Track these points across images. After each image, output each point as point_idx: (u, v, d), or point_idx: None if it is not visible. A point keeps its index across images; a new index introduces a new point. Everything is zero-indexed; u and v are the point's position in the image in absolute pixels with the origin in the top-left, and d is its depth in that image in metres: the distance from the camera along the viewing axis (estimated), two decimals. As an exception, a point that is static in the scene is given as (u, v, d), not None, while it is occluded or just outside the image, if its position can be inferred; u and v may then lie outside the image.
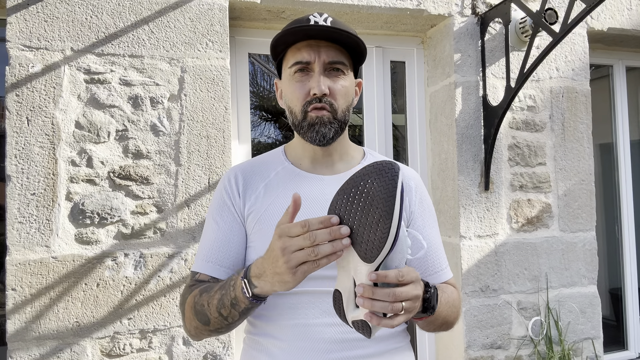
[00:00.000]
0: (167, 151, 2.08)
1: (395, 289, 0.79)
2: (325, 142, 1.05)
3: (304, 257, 0.78)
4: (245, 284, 0.88)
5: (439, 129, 2.61)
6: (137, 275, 2.02)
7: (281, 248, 0.80)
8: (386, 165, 0.76)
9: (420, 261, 1.10)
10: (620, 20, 2.77)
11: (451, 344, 2.54)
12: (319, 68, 1.03)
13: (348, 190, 0.78)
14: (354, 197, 0.77)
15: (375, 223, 0.74)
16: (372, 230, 0.75)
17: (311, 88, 1.03)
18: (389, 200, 0.73)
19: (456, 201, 2.46)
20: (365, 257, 0.77)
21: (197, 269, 1.07)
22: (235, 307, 0.92)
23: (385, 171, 0.75)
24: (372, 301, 0.78)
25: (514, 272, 2.52)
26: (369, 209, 0.75)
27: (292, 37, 1.04)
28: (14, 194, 1.91)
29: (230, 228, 1.07)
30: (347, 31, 1.02)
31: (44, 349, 1.91)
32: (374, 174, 0.76)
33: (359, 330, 0.83)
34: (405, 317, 0.82)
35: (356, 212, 0.76)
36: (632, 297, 3.07)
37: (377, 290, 0.78)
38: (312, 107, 1.03)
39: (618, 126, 3.12)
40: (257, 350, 1.05)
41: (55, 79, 1.97)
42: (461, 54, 2.49)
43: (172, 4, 2.10)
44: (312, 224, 0.78)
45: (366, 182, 0.76)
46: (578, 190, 2.67)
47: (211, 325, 0.98)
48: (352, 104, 1.10)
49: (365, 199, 0.76)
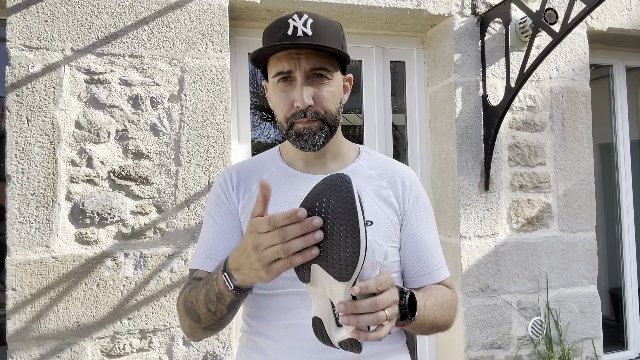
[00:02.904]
0: (167, 151, 2.08)
1: (375, 297, 0.77)
2: (315, 149, 1.04)
3: (276, 255, 0.75)
4: (226, 277, 0.87)
5: (439, 129, 2.61)
6: (137, 275, 2.02)
7: (252, 245, 0.77)
8: (337, 179, 0.73)
9: (414, 261, 1.08)
10: (620, 20, 2.76)
11: (451, 344, 2.54)
12: (300, 78, 1.01)
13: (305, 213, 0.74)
14: None
15: (344, 241, 0.71)
16: (341, 249, 0.72)
17: (294, 100, 1.01)
18: (350, 214, 0.70)
19: (456, 201, 2.46)
20: (341, 276, 0.74)
21: (196, 266, 1.07)
22: (221, 301, 0.91)
23: (338, 185, 0.72)
24: (357, 316, 0.76)
25: (514, 272, 2.52)
26: (332, 228, 0.72)
27: (270, 50, 1.01)
28: (14, 194, 1.91)
29: (227, 224, 1.07)
30: (326, 45, 0.99)
31: (44, 349, 1.91)
32: (328, 191, 0.72)
33: (348, 349, 0.81)
34: (390, 326, 0.80)
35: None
36: (632, 297, 3.07)
37: (359, 303, 0.76)
38: (298, 121, 1.02)
39: (618, 126, 3.11)
40: (252, 349, 1.06)
41: (55, 79, 1.97)
42: (461, 54, 2.49)
43: (172, 4, 2.10)
44: (277, 220, 0.74)
45: (322, 202, 0.73)
46: (578, 190, 2.67)
47: (202, 322, 0.97)
48: (341, 104, 1.09)
49: (325, 219, 0.72)
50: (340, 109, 1.09)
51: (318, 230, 0.74)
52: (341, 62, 1.08)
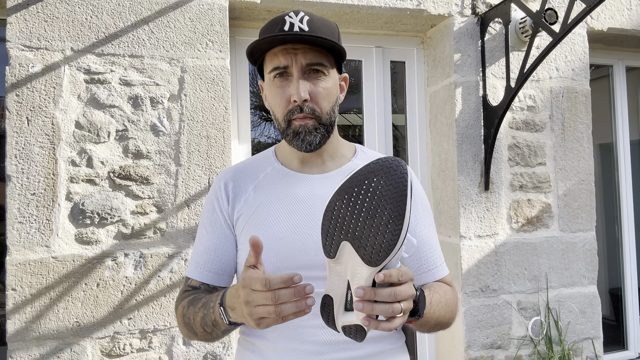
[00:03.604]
0: (167, 151, 2.08)
1: (395, 288, 0.76)
2: (312, 149, 1.04)
3: (266, 314, 0.77)
4: (222, 312, 0.90)
5: (439, 129, 2.61)
6: (137, 275, 2.02)
7: (244, 300, 0.79)
8: (393, 162, 0.70)
9: (414, 258, 1.07)
10: (620, 20, 2.77)
11: (451, 344, 2.54)
12: (297, 73, 1.01)
13: (350, 189, 0.71)
14: (357, 197, 0.71)
15: (384, 225, 0.69)
16: (379, 233, 0.69)
17: (291, 95, 1.01)
18: (399, 201, 0.68)
19: (456, 201, 2.46)
20: (370, 260, 0.71)
21: (189, 275, 1.11)
22: (217, 327, 0.96)
23: (394, 169, 0.69)
24: (373, 304, 0.75)
25: (514, 272, 2.52)
26: (375, 210, 0.69)
27: (267, 45, 1.01)
28: (14, 194, 1.91)
29: (218, 235, 1.09)
30: (322, 36, 0.99)
31: (44, 349, 1.91)
32: (381, 172, 0.69)
33: (350, 335, 0.79)
34: (402, 320, 0.79)
35: (360, 213, 0.70)
36: (632, 297, 3.07)
37: (378, 291, 0.74)
38: (294, 117, 1.02)
39: (618, 126, 3.11)
40: (250, 351, 1.06)
41: (55, 79, 1.97)
42: (461, 54, 2.49)
43: (172, 4, 2.10)
44: (274, 283, 0.75)
45: (371, 181, 0.70)
46: (578, 190, 2.67)
47: (198, 337, 1.03)
48: (337, 103, 1.08)
49: (371, 199, 0.69)
50: (336, 108, 1.08)
51: (310, 297, 0.77)
52: (337, 61, 1.08)
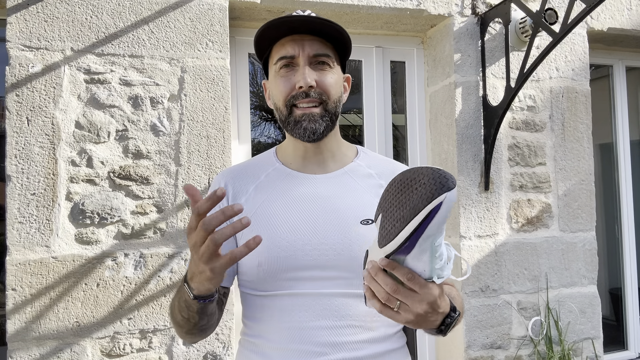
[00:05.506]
0: (167, 151, 2.08)
1: (397, 283, 0.77)
2: (315, 137, 1.03)
3: (208, 249, 0.76)
4: (186, 287, 0.89)
5: (439, 129, 2.61)
6: (137, 275, 2.02)
7: (191, 245, 0.78)
8: (440, 178, 0.73)
9: None
10: (620, 20, 2.77)
11: (451, 344, 2.54)
12: (303, 61, 1.01)
13: (401, 179, 0.80)
14: (398, 187, 0.79)
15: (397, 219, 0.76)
16: (392, 223, 0.77)
17: (296, 82, 1.00)
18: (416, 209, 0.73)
19: (456, 201, 2.46)
20: (379, 240, 0.79)
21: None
22: (190, 309, 0.92)
23: (435, 182, 0.73)
24: (372, 281, 0.78)
25: (514, 272, 2.52)
26: (400, 204, 0.77)
27: (275, 32, 1.02)
28: (14, 194, 1.91)
29: None
30: (329, 21, 1.00)
31: (44, 349, 1.91)
32: (426, 178, 0.74)
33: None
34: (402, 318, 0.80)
35: (393, 200, 0.78)
36: (632, 297, 3.07)
37: (380, 274, 0.78)
38: (299, 102, 1.01)
39: (618, 126, 3.11)
40: (251, 351, 1.05)
41: (55, 79, 1.97)
42: (461, 54, 2.49)
43: (172, 4, 2.10)
44: (200, 207, 0.74)
45: (416, 181, 0.76)
46: (578, 190, 2.67)
47: (183, 327, 0.99)
48: (341, 98, 1.08)
49: (404, 193, 0.77)
50: (340, 104, 1.08)
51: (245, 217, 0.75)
52: (341, 59, 1.08)
